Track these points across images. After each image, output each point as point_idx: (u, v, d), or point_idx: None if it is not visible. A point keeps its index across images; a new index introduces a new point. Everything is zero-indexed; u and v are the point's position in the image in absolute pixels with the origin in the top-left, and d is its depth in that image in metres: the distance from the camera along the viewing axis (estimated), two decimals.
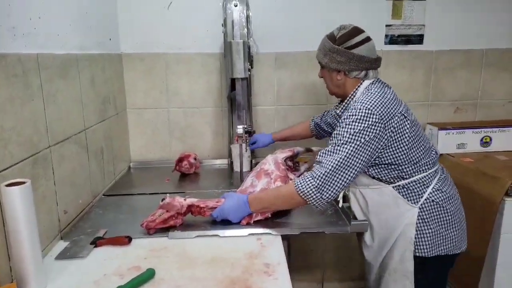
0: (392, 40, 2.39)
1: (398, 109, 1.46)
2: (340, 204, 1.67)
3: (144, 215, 1.51)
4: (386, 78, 2.39)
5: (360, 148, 1.39)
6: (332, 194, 1.39)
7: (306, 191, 1.39)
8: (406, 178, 1.50)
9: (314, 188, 1.38)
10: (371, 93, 1.48)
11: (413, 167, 1.49)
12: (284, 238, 1.46)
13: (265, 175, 1.66)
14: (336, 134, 1.43)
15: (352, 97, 1.57)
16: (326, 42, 1.56)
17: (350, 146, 1.38)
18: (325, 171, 1.38)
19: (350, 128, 1.40)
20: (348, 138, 1.39)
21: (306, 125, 2.11)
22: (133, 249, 1.37)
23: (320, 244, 2.65)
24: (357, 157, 1.39)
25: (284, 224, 1.52)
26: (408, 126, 1.46)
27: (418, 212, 1.50)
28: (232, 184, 2.02)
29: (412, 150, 1.48)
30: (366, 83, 1.55)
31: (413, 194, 1.51)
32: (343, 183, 1.39)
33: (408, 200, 1.51)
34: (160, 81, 2.35)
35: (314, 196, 1.39)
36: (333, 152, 1.40)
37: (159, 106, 2.38)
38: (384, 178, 1.52)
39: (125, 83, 2.33)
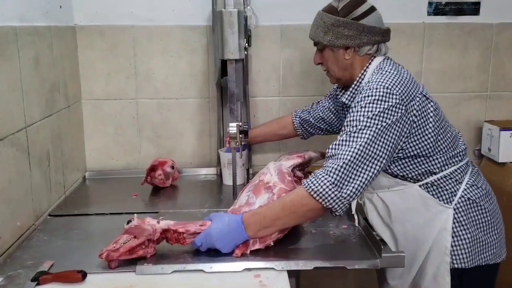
0: (437, 9, 2.41)
1: (418, 89, 1.57)
2: (357, 221, 1.71)
3: (103, 243, 1.51)
4: (428, 61, 2.45)
5: (382, 134, 1.45)
6: (353, 191, 1.43)
7: (321, 190, 1.42)
8: (436, 173, 1.59)
9: (330, 184, 1.41)
10: (386, 71, 1.57)
11: (442, 158, 1.59)
12: (292, 274, 1.46)
13: (265, 190, 1.66)
14: (350, 120, 1.49)
15: (360, 80, 1.66)
16: (325, 17, 1.64)
17: (370, 131, 1.44)
18: (343, 163, 1.42)
19: (367, 111, 1.47)
20: (367, 122, 1.45)
21: (287, 122, 2.14)
22: None
23: (339, 283, 2.65)
24: (379, 144, 1.45)
25: (292, 255, 1.52)
26: (432, 109, 1.56)
27: (453, 214, 1.59)
28: (222, 201, 2.04)
29: (439, 138, 1.57)
30: (376, 61, 1.65)
31: (445, 192, 1.60)
32: (366, 176, 1.44)
33: (440, 200, 1.60)
34: (126, 63, 2.36)
35: (332, 195, 1.42)
36: (349, 141, 1.45)
37: (124, 96, 2.39)
38: (409, 175, 1.60)
39: (80, 66, 2.34)
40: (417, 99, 1.54)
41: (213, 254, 1.51)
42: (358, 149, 1.43)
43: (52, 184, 1.95)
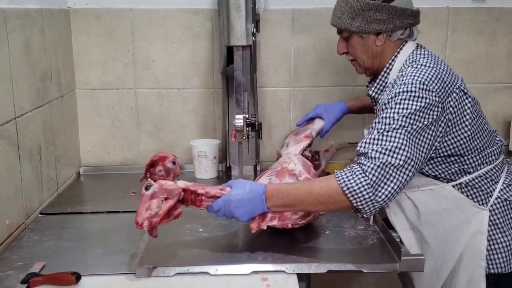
0: None
1: (456, 83, 1.56)
2: (371, 220, 1.72)
3: (99, 242, 1.52)
4: (452, 49, 2.43)
5: (418, 135, 1.46)
6: (388, 195, 1.43)
7: (356, 189, 1.41)
8: (471, 173, 1.59)
9: (367, 184, 1.41)
10: (421, 64, 1.56)
11: (477, 157, 1.59)
12: (302, 278, 1.46)
13: (290, 176, 1.69)
14: (383, 117, 1.48)
15: (388, 71, 1.67)
16: (351, 1, 1.63)
17: (406, 131, 1.44)
18: (380, 163, 1.41)
19: (402, 109, 1.46)
20: (402, 121, 1.45)
21: None
22: None
23: (355, 283, 2.65)
24: (415, 146, 1.45)
25: (304, 257, 1.52)
26: (469, 105, 1.56)
27: (489, 216, 1.59)
28: None
29: (476, 136, 1.57)
30: (408, 48, 1.66)
31: (481, 192, 1.60)
32: (402, 180, 1.44)
33: (474, 201, 1.60)
34: (124, 50, 2.36)
35: (367, 196, 1.41)
36: (383, 140, 1.44)
37: (122, 85, 2.39)
38: (441, 175, 1.60)
39: (74, 52, 2.34)
40: (454, 94, 1.54)
41: (219, 256, 1.52)
42: (398, 152, 1.43)
43: (44, 180, 1.95)
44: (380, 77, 1.69)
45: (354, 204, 1.43)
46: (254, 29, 1.99)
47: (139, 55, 2.36)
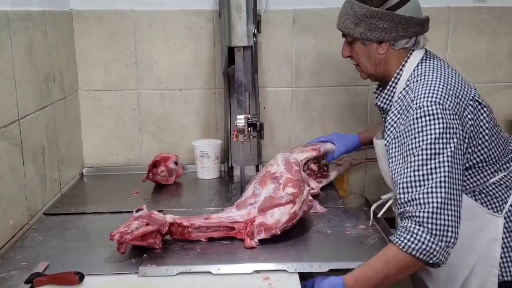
0: None
1: (469, 94, 1.53)
2: (371, 222, 1.71)
3: (102, 243, 1.53)
4: (454, 48, 2.43)
5: (452, 159, 1.39)
6: (453, 235, 1.36)
7: (423, 246, 1.34)
8: (485, 181, 1.57)
9: (430, 236, 1.34)
10: (430, 78, 1.52)
11: (493, 166, 1.56)
12: (304, 277, 1.46)
13: (271, 180, 1.70)
14: (410, 150, 1.43)
15: (396, 80, 1.62)
16: (355, 6, 1.59)
17: (443, 159, 1.39)
18: (433, 207, 1.36)
19: (426, 135, 1.41)
20: (432, 150, 1.40)
21: None
22: None
23: None
24: (455, 172, 1.40)
25: (305, 257, 1.53)
26: (485, 115, 1.53)
27: (504, 223, 1.57)
28: (229, 199, 2.04)
29: (493, 144, 1.55)
30: (415, 57, 1.61)
31: (495, 199, 1.58)
32: (458, 209, 1.38)
33: (489, 208, 1.58)
34: (126, 51, 2.37)
35: (436, 247, 1.34)
36: (423, 180, 1.39)
37: (124, 86, 2.41)
38: None
39: (77, 54, 2.35)
40: (470, 107, 1.50)
41: (220, 255, 1.53)
42: (442, 186, 1.37)
43: (47, 181, 1.97)
44: (388, 87, 1.65)
45: (429, 261, 1.36)
46: (255, 30, 1.99)
47: (141, 56, 2.37)
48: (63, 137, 2.15)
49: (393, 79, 1.64)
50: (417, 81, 1.55)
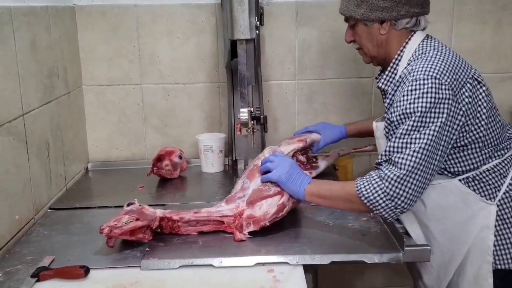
0: None
1: (469, 72, 1.55)
2: (372, 213, 1.71)
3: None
4: (458, 39, 2.42)
5: (438, 134, 1.45)
6: (408, 202, 1.46)
7: (372, 198, 1.46)
8: (478, 167, 1.58)
9: (383, 193, 1.44)
10: (431, 56, 1.55)
11: (487, 151, 1.58)
12: (309, 270, 1.47)
13: (259, 173, 1.73)
14: (400, 118, 1.49)
15: (397, 61, 1.65)
16: None
17: (426, 131, 1.45)
18: (400, 173, 1.43)
19: (417, 107, 1.46)
20: (419, 122, 1.45)
21: None
22: (91, 285, 1.39)
23: (363, 283, 2.66)
24: (436, 147, 1.46)
25: (307, 249, 1.53)
26: (484, 94, 1.55)
27: (497, 211, 1.58)
28: None
29: (490, 127, 1.56)
30: (416, 38, 1.64)
31: (488, 187, 1.59)
32: (422, 185, 1.46)
33: (482, 196, 1.59)
34: (129, 46, 2.38)
35: (384, 205, 1.46)
36: (405, 147, 1.45)
37: (128, 81, 2.42)
38: (449, 169, 1.59)
39: (80, 49, 2.36)
40: (468, 85, 1.53)
41: (223, 248, 1.54)
42: (415, 157, 1.44)
43: (53, 176, 1.98)
44: (389, 68, 1.68)
45: (375, 211, 1.48)
46: (258, 23, 1.99)
47: (145, 50, 2.38)
48: (67, 132, 2.16)
49: (394, 60, 1.67)
50: (417, 58, 1.58)
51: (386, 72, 1.69)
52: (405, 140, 1.46)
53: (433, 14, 2.34)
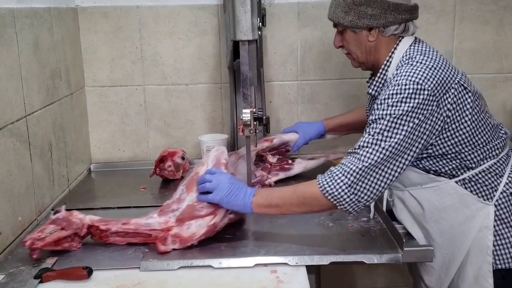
0: None
1: (455, 78, 1.55)
2: (372, 214, 1.74)
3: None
4: (460, 39, 2.42)
5: (410, 135, 1.47)
6: (370, 195, 1.48)
7: (335, 192, 1.47)
8: (473, 168, 1.58)
9: (346, 186, 1.46)
10: (417, 61, 1.55)
11: (479, 152, 1.58)
12: (311, 270, 1.48)
13: (197, 185, 1.65)
14: (376, 118, 1.49)
15: (386, 67, 1.65)
16: None
17: (398, 132, 1.46)
18: (362, 166, 1.45)
19: (395, 110, 1.47)
20: (394, 123, 1.46)
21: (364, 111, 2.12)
22: (94, 286, 1.40)
23: (365, 282, 2.66)
24: (406, 147, 1.47)
25: (307, 250, 1.54)
26: (470, 100, 1.54)
27: (495, 211, 1.59)
28: None
29: (477, 132, 1.56)
30: (405, 43, 1.64)
31: (485, 187, 1.60)
32: (386, 180, 1.48)
33: (479, 197, 1.60)
34: (132, 47, 2.39)
35: (347, 198, 1.47)
36: (373, 143, 1.47)
37: (130, 82, 2.42)
38: (442, 171, 1.59)
39: (83, 50, 2.37)
40: (453, 90, 1.53)
41: (222, 248, 1.55)
42: (382, 153, 1.46)
43: (55, 177, 1.99)
44: (378, 74, 1.68)
45: (338, 206, 1.48)
46: (260, 23, 1.99)
47: (147, 51, 2.39)
48: (70, 133, 2.17)
49: (383, 66, 1.67)
50: (404, 64, 1.58)
51: (376, 78, 1.69)
52: (376, 137, 1.47)
53: (435, 14, 2.38)
